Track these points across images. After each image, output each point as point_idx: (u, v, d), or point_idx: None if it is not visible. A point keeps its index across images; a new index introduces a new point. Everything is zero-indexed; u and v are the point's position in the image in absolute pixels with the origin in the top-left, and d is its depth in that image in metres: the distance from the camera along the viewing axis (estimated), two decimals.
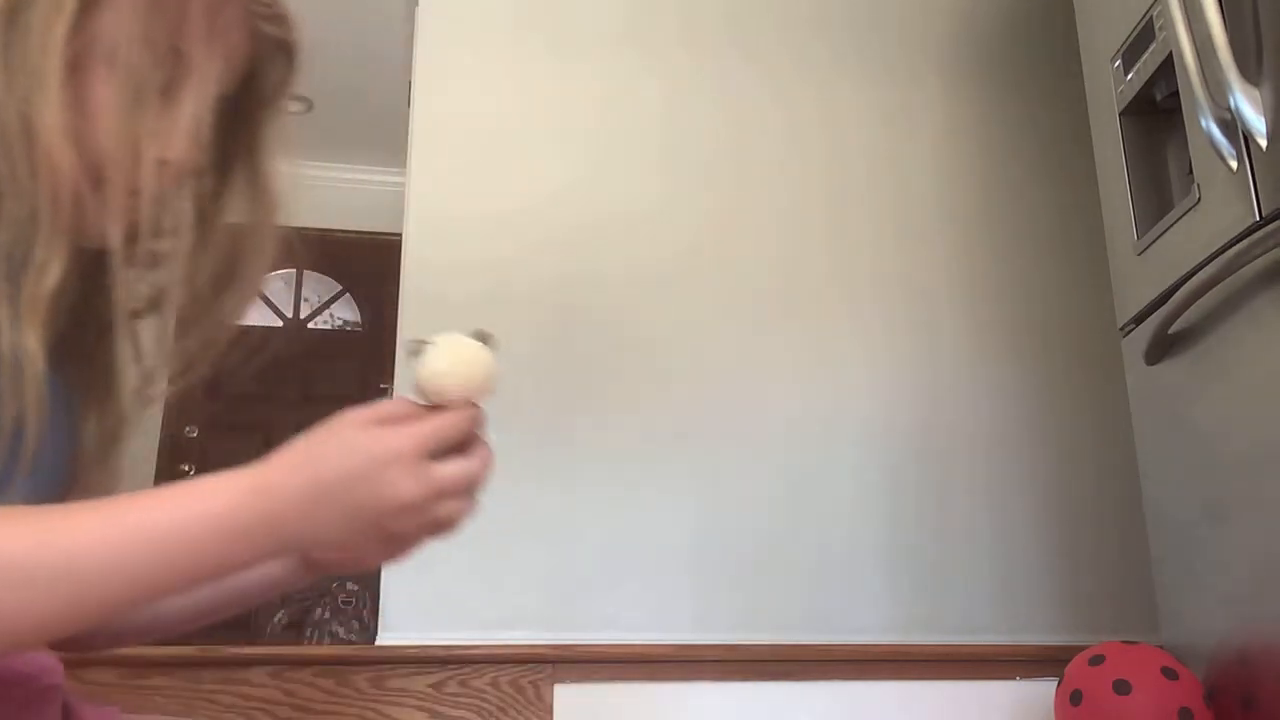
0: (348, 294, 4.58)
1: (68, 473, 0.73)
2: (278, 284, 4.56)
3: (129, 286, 0.69)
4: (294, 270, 4.56)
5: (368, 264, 4.32)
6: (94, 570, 0.57)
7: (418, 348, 0.66)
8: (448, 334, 0.68)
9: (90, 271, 0.69)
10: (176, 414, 4.06)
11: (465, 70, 1.94)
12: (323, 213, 4.39)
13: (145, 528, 0.59)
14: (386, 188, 4.19)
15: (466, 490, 0.66)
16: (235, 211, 0.78)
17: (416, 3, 1.99)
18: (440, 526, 0.66)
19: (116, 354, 0.70)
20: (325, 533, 0.62)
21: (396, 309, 1.80)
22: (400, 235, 1.85)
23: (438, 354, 0.66)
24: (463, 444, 0.66)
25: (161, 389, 0.75)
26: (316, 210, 4.39)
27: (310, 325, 4.55)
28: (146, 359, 0.73)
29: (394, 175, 3.65)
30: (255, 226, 0.79)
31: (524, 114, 1.93)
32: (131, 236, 0.68)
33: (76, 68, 0.66)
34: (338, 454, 0.62)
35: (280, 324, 4.49)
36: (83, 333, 0.72)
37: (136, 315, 0.72)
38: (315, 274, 4.58)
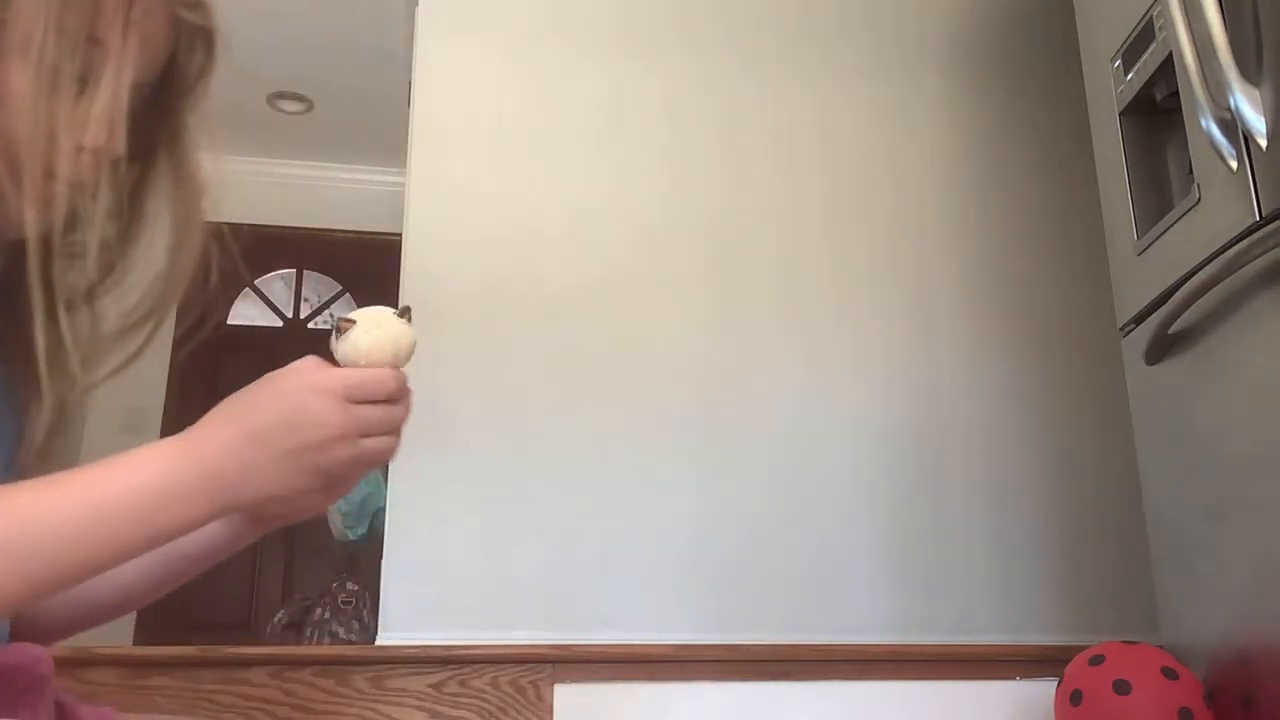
0: (348, 294, 4.59)
1: (16, 464, 0.74)
2: (278, 284, 4.56)
3: (58, 276, 0.69)
4: (294, 270, 4.56)
5: (368, 264, 4.32)
6: (42, 543, 0.59)
7: (345, 325, 0.70)
8: (368, 309, 0.72)
9: (23, 263, 0.70)
10: (177, 412, 4.07)
11: (465, 70, 1.94)
12: (323, 213, 4.40)
13: (88, 500, 0.61)
14: (386, 188, 4.19)
15: (389, 428, 0.69)
16: (160, 200, 0.79)
17: (417, 2, 1.99)
18: (369, 461, 0.69)
19: (40, 344, 0.70)
20: (264, 480, 0.65)
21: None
22: (400, 235, 1.85)
23: (359, 330, 0.70)
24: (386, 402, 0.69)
25: (96, 377, 0.76)
26: (316, 210, 4.40)
27: (310, 325, 4.55)
28: (78, 348, 0.73)
29: (394, 175, 3.65)
30: (180, 214, 0.79)
31: (524, 114, 1.93)
32: (52, 224, 0.68)
33: None
34: (268, 401, 0.66)
35: (280, 324, 4.50)
36: (18, 324, 0.72)
37: (69, 306, 0.73)
38: (315, 274, 4.59)
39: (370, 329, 0.70)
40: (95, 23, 0.69)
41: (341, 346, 0.70)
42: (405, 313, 0.72)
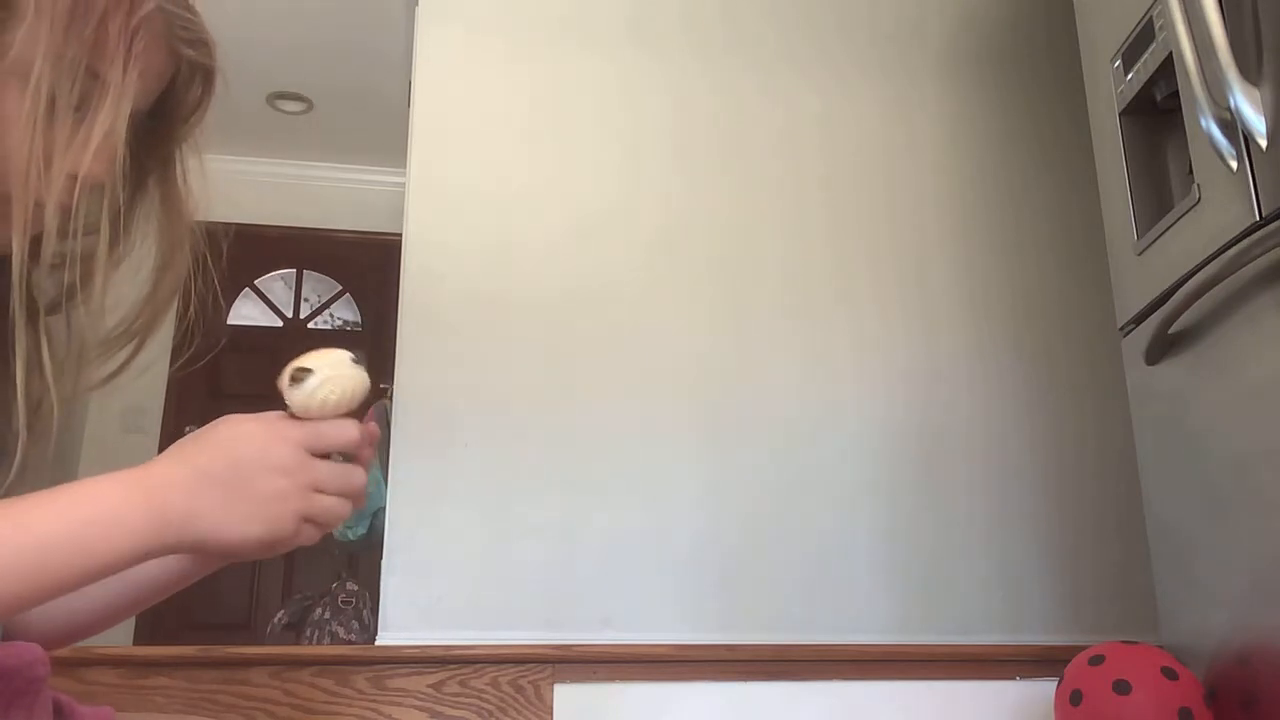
0: (348, 294, 4.59)
1: None
2: (278, 284, 4.56)
3: (37, 285, 0.70)
4: (294, 270, 4.56)
5: (368, 264, 4.32)
6: None
7: (300, 375, 0.69)
8: (322, 354, 0.71)
9: (3, 275, 0.70)
10: (177, 413, 4.07)
11: (465, 70, 1.94)
12: (323, 213, 4.40)
13: (36, 530, 0.61)
14: (386, 188, 4.20)
15: (344, 487, 0.70)
16: (148, 224, 0.79)
17: (416, 3, 1.99)
18: (320, 518, 0.69)
19: (19, 353, 0.70)
20: (210, 520, 0.65)
21: (396, 309, 1.80)
22: (400, 235, 1.85)
23: (316, 379, 0.69)
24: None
25: (75, 390, 0.76)
26: (316, 210, 4.40)
27: (310, 325, 4.55)
28: (55, 359, 0.73)
29: (394, 175, 3.65)
30: (167, 240, 0.79)
31: (524, 113, 1.93)
32: (36, 244, 0.69)
33: None
34: (225, 443, 0.66)
35: (280, 324, 4.50)
36: None
37: (50, 312, 0.73)
38: (315, 274, 4.59)
39: (327, 378, 0.69)
40: (96, 56, 0.69)
41: (297, 395, 0.69)
42: (359, 360, 0.72)
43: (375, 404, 2.64)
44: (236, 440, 0.66)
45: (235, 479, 0.65)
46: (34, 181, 0.67)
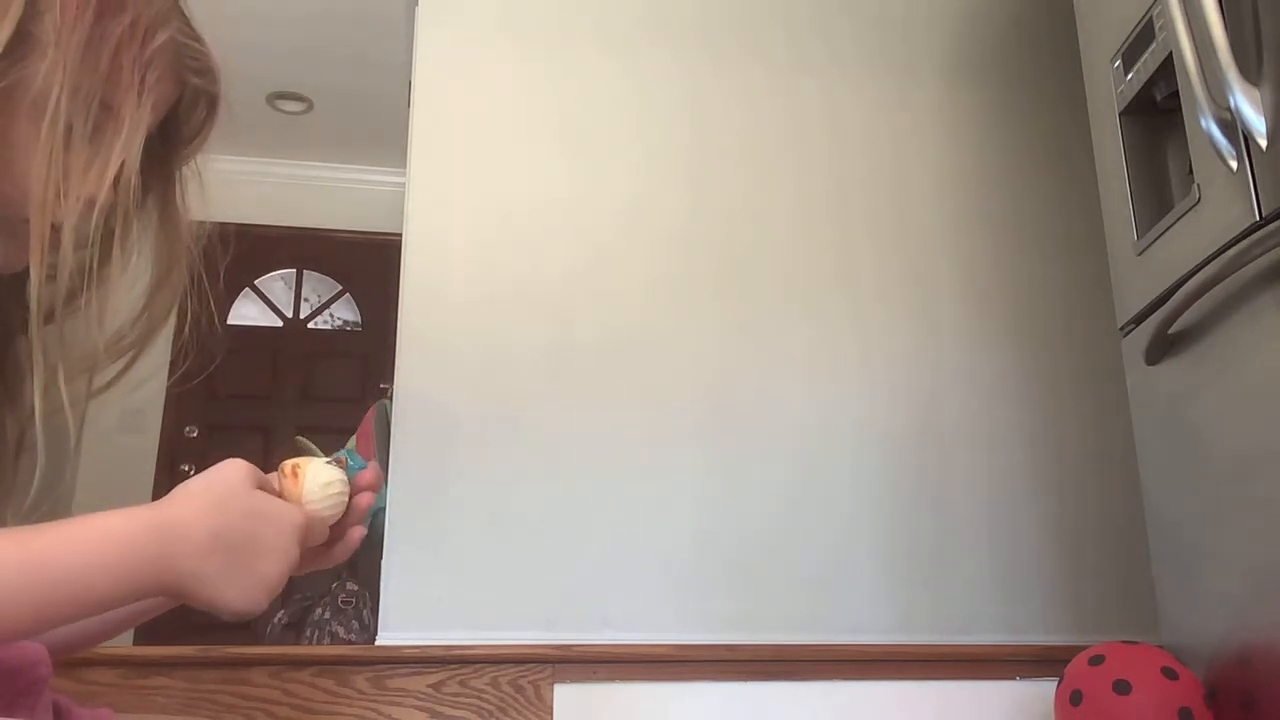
0: (348, 294, 4.59)
1: None
2: (278, 284, 4.56)
3: (35, 300, 0.71)
4: (294, 270, 4.56)
5: (368, 264, 4.32)
6: None
7: (309, 448, 0.79)
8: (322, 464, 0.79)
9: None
10: (176, 414, 4.07)
11: (465, 70, 1.94)
12: (323, 213, 4.41)
13: (46, 562, 0.61)
14: (386, 188, 4.20)
15: None
16: (145, 241, 0.81)
17: (416, 3, 1.99)
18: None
19: (20, 362, 0.72)
20: (212, 584, 0.67)
21: (396, 309, 1.80)
22: (400, 235, 1.85)
23: (341, 486, 0.79)
24: None
25: (70, 400, 0.76)
26: (316, 210, 4.40)
27: (310, 325, 4.55)
28: (49, 366, 0.74)
29: (394, 175, 3.65)
30: (163, 258, 0.81)
31: (524, 114, 1.93)
32: (47, 264, 0.70)
33: (2, 110, 0.68)
34: (250, 515, 0.70)
35: (280, 324, 4.50)
36: None
37: (46, 321, 0.74)
38: (315, 274, 4.59)
39: (343, 479, 0.79)
40: (110, 89, 0.71)
41: (321, 471, 0.77)
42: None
43: (375, 404, 2.64)
44: (259, 517, 0.70)
45: (246, 554, 0.68)
46: (51, 206, 0.68)
